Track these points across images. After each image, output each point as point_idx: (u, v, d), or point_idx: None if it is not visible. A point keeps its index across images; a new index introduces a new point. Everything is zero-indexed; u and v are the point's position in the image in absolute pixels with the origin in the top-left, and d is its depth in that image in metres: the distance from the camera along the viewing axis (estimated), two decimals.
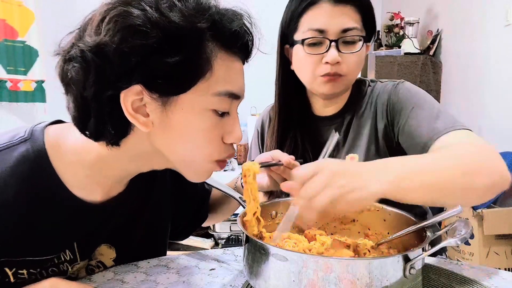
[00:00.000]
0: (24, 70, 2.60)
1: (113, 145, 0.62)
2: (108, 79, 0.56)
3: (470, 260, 1.95)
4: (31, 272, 0.65)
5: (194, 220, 0.98)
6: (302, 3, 0.91)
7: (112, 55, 0.54)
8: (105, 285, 0.69)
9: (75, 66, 0.56)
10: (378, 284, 0.52)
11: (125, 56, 0.54)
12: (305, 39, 0.90)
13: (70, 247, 0.69)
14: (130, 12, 0.54)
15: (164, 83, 0.57)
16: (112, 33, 0.54)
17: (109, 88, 0.56)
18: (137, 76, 0.56)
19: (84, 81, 0.56)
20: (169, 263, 0.78)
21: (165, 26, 0.55)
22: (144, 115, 0.59)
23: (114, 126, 0.59)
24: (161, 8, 0.55)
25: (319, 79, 0.92)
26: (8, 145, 0.64)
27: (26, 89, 2.61)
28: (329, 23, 0.88)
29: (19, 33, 2.57)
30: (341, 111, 1.01)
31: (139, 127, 0.59)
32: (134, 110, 0.58)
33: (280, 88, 1.02)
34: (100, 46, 0.54)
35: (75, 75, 0.56)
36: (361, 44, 0.91)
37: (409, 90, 0.93)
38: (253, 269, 0.60)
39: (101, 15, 0.56)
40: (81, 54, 0.55)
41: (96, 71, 0.55)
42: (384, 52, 3.00)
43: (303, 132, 1.02)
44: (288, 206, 0.78)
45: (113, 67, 0.55)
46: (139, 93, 0.57)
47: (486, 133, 2.33)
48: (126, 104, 0.57)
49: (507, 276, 0.71)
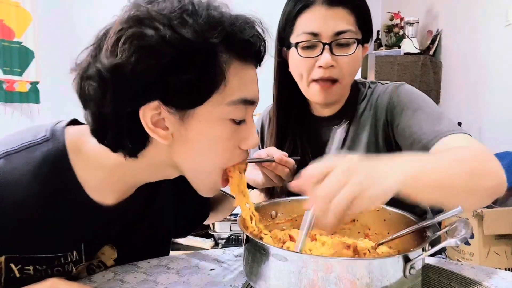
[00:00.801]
0: (19, 71, 2.61)
1: (131, 157, 0.63)
2: (126, 98, 0.57)
3: (470, 260, 1.95)
4: (37, 269, 0.66)
5: (195, 219, 0.98)
6: (296, 6, 0.91)
7: (129, 75, 0.55)
8: (105, 285, 0.69)
9: (93, 85, 0.58)
10: (378, 284, 0.52)
11: (141, 76, 0.56)
12: (299, 42, 0.90)
13: (78, 248, 0.70)
14: (144, 33, 0.55)
15: (180, 98, 0.58)
16: (128, 54, 0.55)
17: (127, 105, 0.58)
18: (154, 93, 0.57)
19: (102, 99, 0.58)
20: (169, 263, 0.78)
21: (178, 44, 0.55)
22: (164, 128, 0.60)
23: (133, 140, 0.61)
24: (174, 26, 0.56)
25: (313, 85, 0.92)
26: (31, 143, 0.65)
27: (21, 90, 2.62)
28: (322, 26, 0.88)
29: (16, 33, 2.57)
30: (340, 112, 1.01)
31: (159, 140, 0.60)
32: (154, 124, 0.59)
33: (278, 90, 1.02)
34: (117, 67, 0.55)
35: (93, 93, 0.58)
36: (355, 46, 0.90)
37: (410, 92, 0.93)
38: (253, 269, 0.60)
39: (116, 35, 0.56)
40: (98, 74, 0.57)
41: (113, 90, 0.57)
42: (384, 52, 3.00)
43: (302, 133, 1.02)
44: (288, 206, 0.79)
45: (130, 86, 0.56)
46: (157, 108, 0.58)
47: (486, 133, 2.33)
48: (146, 120, 0.59)
49: (507, 276, 0.71)
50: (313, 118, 1.03)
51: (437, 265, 0.75)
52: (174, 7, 0.57)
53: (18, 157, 0.63)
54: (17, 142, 0.65)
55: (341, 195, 0.52)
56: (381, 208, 0.75)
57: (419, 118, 0.86)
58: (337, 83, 0.91)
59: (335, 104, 1.00)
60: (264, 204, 0.77)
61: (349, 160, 0.57)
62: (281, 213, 0.78)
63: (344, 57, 0.90)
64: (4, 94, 2.56)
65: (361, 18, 0.91)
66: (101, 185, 0.68)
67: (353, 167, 0.55)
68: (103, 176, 0.67)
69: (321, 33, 0.88)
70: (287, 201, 0.80)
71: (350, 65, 0.92)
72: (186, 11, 0.57)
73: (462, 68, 2.66)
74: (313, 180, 0.55)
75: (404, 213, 0.71)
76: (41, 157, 0.64)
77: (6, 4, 2.51)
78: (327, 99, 0.93)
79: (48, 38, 2.70)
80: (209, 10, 0.59)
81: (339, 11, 0.88)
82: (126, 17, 0.57)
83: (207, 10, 0.58)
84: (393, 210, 0.73)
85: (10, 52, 2.55)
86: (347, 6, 0.89)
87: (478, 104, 2.48)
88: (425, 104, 0.89)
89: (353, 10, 0.90)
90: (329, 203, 0.53)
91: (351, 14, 0.89)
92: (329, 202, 0.53)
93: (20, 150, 0.64)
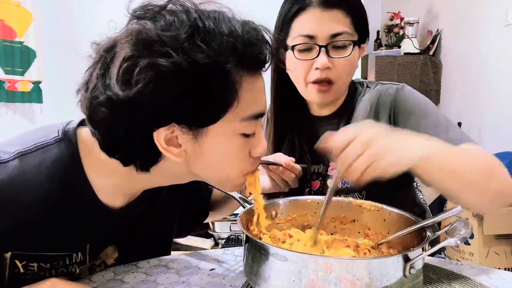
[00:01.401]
0: (21, 71, 2.60)
1: (143, 171, 0.63)
2: (139, 124, 0.57)
3: (470, 260, 1.95)
4: (41, 267, 0.66)
5: (196, 218, 0.99)
6: (292, 9, 0.90)
7: (144, 104, 0.55)
8: (105, 285, 0.69)
9: (104, 112, 0.57)
10: (378, 284, 0.52)
11: (156, 104, 0.55)
12: (295, 45, 0.90)
13: (83, 249, 0.70)
14: (158, 63, 0.54)
15: (193, 120, 0.58)
16: (142, 84, 0.54)
17: (141, 130, 0.58)
18: (168, 118, 0.57)
19: (114, 125, 0.57)
20: (169, 263, 0.78)
21: (192, 70, 0.54)
22: (176, 146, 0.60)
23: (144, 157, 0.61)
24: (186, 51, 0.54)
25: (310, 87, 0.92)
26: (44, 144, 0.65)
27: (23, 90, 2.62)
28: (318, 29, 0.88)
29: (17, 33, 2.57)
30: (338, 111, 1.01)
31: (173, 158, 0.60)
32: (167, 143, 0.59)
33: (276, 90, 1.02)
34: (132, 98, 0.54)
35: (103, 117, 0.57)
36: (351, 48, 0.90)
37: (414, 96, 0.93)
38: (253, 269, 0.60)
39: (127, 63, 0.55)
40: (111, 102, 0.56)
41: (126, 118, 0.56)
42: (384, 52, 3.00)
43: (301, 133, 1.02)
44: (288, 206, 0.79)
45: (144, 114, 0.56)
46: (170, 127, 0.58)
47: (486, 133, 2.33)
48: (160, 140, 0.59)
49: (507, 276, 0.71)
50: (311, 118, 1.03)
51: (437, 265, 0.75)
52: (183, 25, 0.55)
53: (32, 157, 0.63)
54: (30, 142, 0.65)
55: (361, 159, 0.61)
56: (381, 208, 0.75)
57: (427, 125, 0.86)
58: (334, 84, 0.92)
59: (332, 104, 1.00)
60: (264, 204, 0.77)
61: (373, 129, 0.64)
62: (281, 213, 0.79)
63: (341, 59, 0.90)
64: (6, 94, 2.55)
65: (357, 19, 0.91)
66: (111, 189, 0.68)
67: (376, 136, 0.62)
68: (114, 181, 0.67)
69: (317, 36, 0.88)
70: (287, 201, 0.80)
71: (347, 66, 0.92)
72: (197, 31, 0.55)
73: (462, 68, 2.66)
74: (339, 145, 0.63)
75: (404, 213, 0.71)
76: (54, 158, 0.64)
77: (7, 4, 2.51)
78: (324, 99, 0.94)
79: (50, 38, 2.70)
80: (219, 24, 0.57)
81: (334, 13, 0.88)
82: (135, 38, 0.55)
83: (216, 25, 0.57)
84: (393, 210, 0.73)
85: (11, 52, 2.55)
86: (343, 8, 0.89)
87: (478, 104, 2.48)
88: (430, 109, 0.90)
89: (349, 11, 0.89)
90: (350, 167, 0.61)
91: (347, 16, 0.89)
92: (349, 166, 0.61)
93: (34, 150, 0.64)
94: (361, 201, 0.77)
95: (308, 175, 0.99)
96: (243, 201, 0.78)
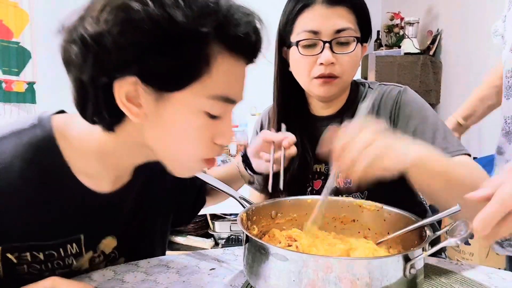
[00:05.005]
0: (17, 71, 2.62)
1: (109, 131, 0.63)
2: (104, 67, 0.56)
3: (470, 260, 1.95)
4: (34, 255, 0.66)
5: (194, 206, 0.99)
6: (296, 6, 0.92)
7: (109, 46, 0.54)
8: (105, 285, 0.69)
9: (75, 50, 0.57)
10: (378, 284, 0.52)
11: (121, 49, 0.54)
12: (300, 40, 0.91)
13: (77, 239, 0.70)
14: (131, 6, 0.53)
15: (157, 79, 0.57)
16: (111, 24, 0.54)
17: (104, 75, 0.57)
18: (131, 69, 0.56)
19: (82, 65, 0.57)
20: (169, 263, 0.78)
21: (166, 25, 0.53)
22: (137, 106, 0.59)
23: (109, 112, 0.60)
24: (165, 4, 0.53)
25: (314, 81, 0.93)
26: (20, 129, 0.66)
27: (18, 90, 2.63)
28: (323, 25, 0.89)
29: (14, 34, 2.58)
30: (339, 112, 1.01)
31: (130, 117, 0.59)
32: (128, 99, 0.58)
33: (279, 90, 1.02)
34: (99, 35, 0.54)
35: (75, 57, 0.57)
36: (355, 44, 0.91)
37: (415, 101, 0.94)
38: (253, 269, 0.60)
39: (102, 3, 0.55)
40: (81, 39, 0.56)
41: (94, 58, 0.56)
42: (384, 52, 3.00)
43: (302, 132, 1.02)
44: (288, 206, 0.79)
45: (110, 57, 0.55)
46: (134, 83, 0.57)
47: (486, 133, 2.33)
48: (120, 93, 0.57)
49: (507, 276, 0.71)
50: (313, 118, 1.04)
51: (437, 265, 0.75)
52: None
53: (6, 142, 0.64)
54: (7, 129, 0.66)
55: (361, 158, 0.62)
56: (381, 208, 0.75)
57: (425, 130, 0.88)
58: (337, 78, 0.92)
59: (334, 103, 1.00)
60: (264, 204, 0.77)
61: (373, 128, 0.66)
62: (281, 213, 0.78)
63: (344, 55, 0.91)
64: (3, 94, 2.56)
65: (361, 16, 0.92)
66: (91, 169, 0.68)
67: (375, 137, 0.64)
68: (91, 159, 0.67)
69: (321, 31, 0.89)
70: (287, 201, 0.80)
71: (350, 62, 0.92)
72: None
73: (462, 68, 2.66)
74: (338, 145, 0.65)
75: (404, 213, 0.71)
76: (28, 141, 0.64)
77: (4, 4, 2.51)
78: (329, 92, 0.94)
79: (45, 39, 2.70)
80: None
81: (339, 9, 0.90)
82: None
83: None
84: (393, 210, 0.73)
85: (8, 52, 2.55)
86: (347, 5, 0.90)
87: None
88: (430, 115, 0.91)
89: (353, 8, 0.91)
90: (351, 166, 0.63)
91: (351, 12, 0.91)
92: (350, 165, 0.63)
93: (9, 135, 0.65)
94: (361, 201, 0.77)
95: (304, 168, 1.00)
96: (243, 200, 0.78)
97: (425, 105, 0.94)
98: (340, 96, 0.99)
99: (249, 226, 0.72)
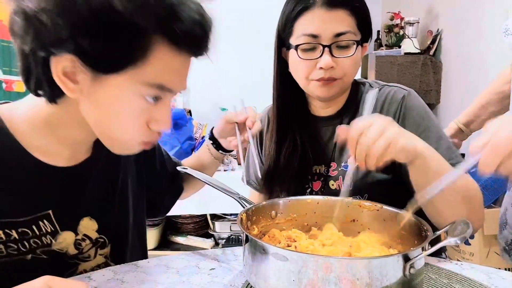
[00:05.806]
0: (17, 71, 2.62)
1: (51, 103, 0.65)
2: (42, 42, 0.58)
3: (470, 260, 1.95)
4: (8, 233, 0.66)
5: (170, 193, 1.02)
6: (296, 8, 0.90)
7: (47, 23, 0.56)
8: (105, 285, 0.69)
9: (18, 21, 0.58)
10: (378, 284, 0.52)
11: (58, 28, 0.56)
12: (299, 44, 0.90)
13: (47, 215, 0.70)
14: None
15: (93, 61, 0.59)
16: (50, 3, 0.56)
17: (42, 50, 0.58)
18: (66, 48, 0.57)
19: (24, 37, 0.59)
20: (169, 263, 0.78)
21: (103, 11, 0.55)
22: (74, 82, 0.61)
23: (49, 85, 0.62)
24: None
25: (313, 83, 0.92)
26: None
27: (19, 90, 2.63)
28: (322, 28, 0.88)
29: None
30: (339, 112, 1.01)
31: (65, 92, 0.61)
32: (64, 75, 0.60)
33: (278, 90, 1.02)
34: (39, 11, 0.56)
35: (18, 29, 0.59)
36: (355, 48, 0.90)
37: (420, 108, 0.94)
38: (253, 269, 0.60)
39: None
40: (23, 12, 0.57)
41: (33, 32, 0.57)
42: (384, 52, 3.00)
43: (302, 133, 1.02)
44: (288, 206, 0.79)
45: (48, 33, 0.57)
46: (72, 60, 0.59)
47: None
48: (57, 68, 0.59)
49: (507, 276, 0.71)
50: (313, 118, 1.03)
51: (437, 265, 0.75)
52: None
53: None
54: None
55: (378, 142, 0.67)
56: (381, 208, 0.75)
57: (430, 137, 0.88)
58: (338, 80, 0.92)
59: (334, 103, 1.00)
60: (264, 204, 0.77)
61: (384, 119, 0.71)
62: (281, 213, 0.78)
63: (344, 59, 0.90)
64: (4, 94, 2.56)
65: (361, 19, 0.91)
66: (43, 144, 0.69)
67: (388, 124, 0.70)
68: (40, 133, 0.68)
69: (320, 35, 0.88)
70: (287, 201, 0.80)
71: (350, 66, 0.92)
72: None
73: (462, 68, 2.66)
74: (354, 134, 0.69)
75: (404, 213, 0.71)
76: None
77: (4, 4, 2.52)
78: (328, 93, 0.93)
79: None
80: None
81: (338, 13, 0.88)
82: None
83: None
84: (393, 210, 0.73)
85: (9, 52, 2.56)
86: (347, 8, 0.88)
87: None
88: (433, 123, 0.92)
89: (353, 11, 0.89)
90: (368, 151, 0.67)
91: (350, 15, 0.89)
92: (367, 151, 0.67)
93: None
94: (361, 201, 0.77)
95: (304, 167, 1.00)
96: (242, 200, 0.78)
97: (428, 112, 0.94)
98: (340, 96, 0.99)
99: (249, 226, 0.72)
